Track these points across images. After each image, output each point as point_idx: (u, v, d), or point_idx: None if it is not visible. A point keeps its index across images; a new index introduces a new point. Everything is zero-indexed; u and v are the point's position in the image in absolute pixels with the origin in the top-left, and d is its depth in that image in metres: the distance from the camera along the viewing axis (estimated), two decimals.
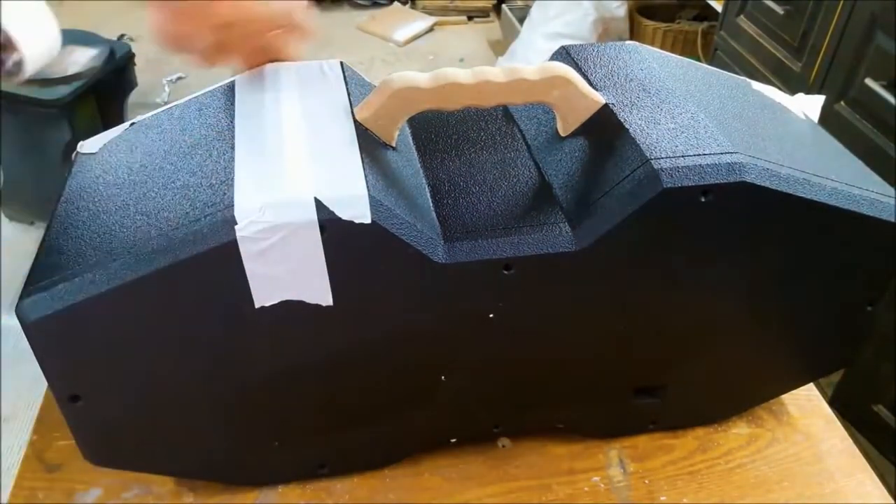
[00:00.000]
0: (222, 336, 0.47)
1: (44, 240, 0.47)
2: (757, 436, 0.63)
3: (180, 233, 0.43)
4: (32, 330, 0.43)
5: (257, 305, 0.45)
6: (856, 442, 0.63)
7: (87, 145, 0.54)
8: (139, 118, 0.56)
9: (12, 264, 1.65)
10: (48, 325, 0.43)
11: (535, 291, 0.49)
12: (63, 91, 1.73)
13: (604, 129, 0.50)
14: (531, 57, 2.48)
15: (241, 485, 0.57)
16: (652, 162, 0.46)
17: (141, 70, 2.07)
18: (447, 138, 0.57)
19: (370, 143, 0.48)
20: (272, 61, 0.54)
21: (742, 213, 0.48)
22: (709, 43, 2.33)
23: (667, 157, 0.46)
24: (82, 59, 1.81)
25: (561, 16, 2.52)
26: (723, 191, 0.46)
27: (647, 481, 0.59)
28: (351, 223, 0.43)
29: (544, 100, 0.50)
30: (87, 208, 0.48)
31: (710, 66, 0.64)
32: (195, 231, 0.43)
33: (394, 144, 0.51)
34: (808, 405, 0.66)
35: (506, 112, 0.60)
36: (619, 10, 2.55)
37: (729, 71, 0.67)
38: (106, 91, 1.89)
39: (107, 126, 0.56)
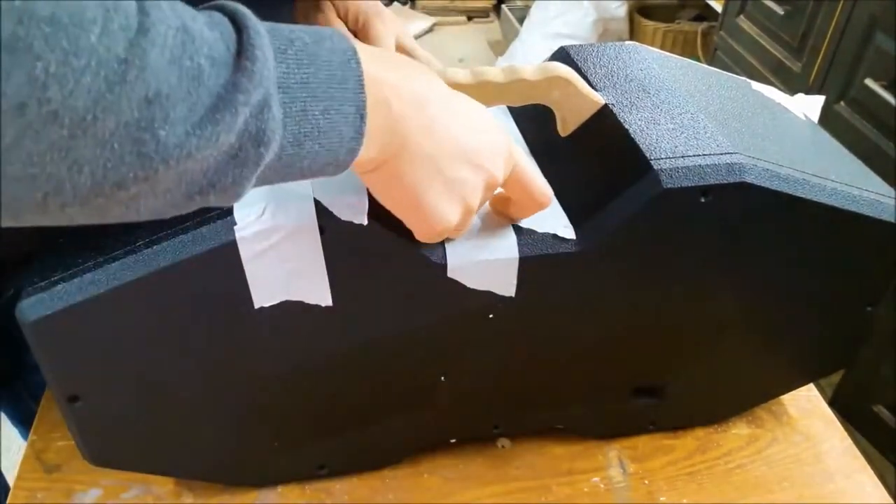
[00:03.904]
0: (222, 337, 0.47)
1: (43, 240, 0.47)
2: (757, 436, 0.63)
3: (180, 233, 0.43)
4: (32, 330, 0.43)
5: (257, 306, 0.45)
6: (856, 442, 0.63)
7: None
8: None
9: None
10: (48, 325, 0.43)
11: (535, 291, 0.49)
12: None
13: (604, 130, 0.50)
14: (531, 57, 2.48)
15: (240, 485, 0.57)
16: (652, 162, 0.46)
17: None
18: None
19: None
20: None
21: (742, 213, 0.48)
22: (709, 43, 2.33)
23: (667, 158, 0.46)
24: None
25: (561, 16, 2.53)
26: (723, 191, 0.46)
27: (646, 482, 0.59)
28: (350, 224, 0.43)
29: (544, 100, 0.50)
30: None
31: (710, 66, 0.64)
32: (196, 231, 0.43)
33: None
34: (808, 406, 0.66)
35: (506, 112, 0.60)
36: (619, 10, 2.56)
37: (729, 71, 0.67)
38: None
39: None
